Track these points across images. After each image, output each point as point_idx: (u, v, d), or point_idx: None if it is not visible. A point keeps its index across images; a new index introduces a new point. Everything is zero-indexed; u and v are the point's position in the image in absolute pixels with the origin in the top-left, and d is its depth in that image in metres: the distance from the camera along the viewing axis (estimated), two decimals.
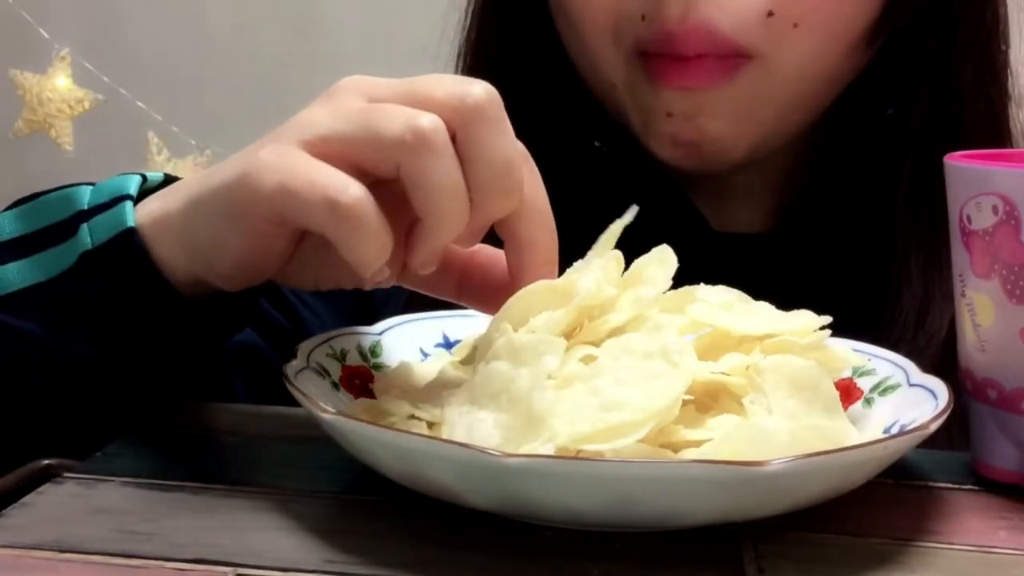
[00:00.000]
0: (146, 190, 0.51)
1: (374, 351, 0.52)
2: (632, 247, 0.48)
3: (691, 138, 0.63)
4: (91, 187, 0.51)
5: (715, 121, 0.62)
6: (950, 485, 0.47)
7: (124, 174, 0.51)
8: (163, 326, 0.49)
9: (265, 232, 0.45)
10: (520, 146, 0.46)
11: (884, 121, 0.68)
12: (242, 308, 0.52)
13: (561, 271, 0.48)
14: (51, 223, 0.50)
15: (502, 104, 0.44)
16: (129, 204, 0.49)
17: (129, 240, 0.48)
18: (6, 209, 0.53)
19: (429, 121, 0.42)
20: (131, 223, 0.48)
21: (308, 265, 0.49)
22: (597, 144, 0.70)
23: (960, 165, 0.45)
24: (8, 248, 0.50)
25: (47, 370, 0.49)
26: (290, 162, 0.43)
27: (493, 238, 0.48)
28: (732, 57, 0.61)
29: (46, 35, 1.83)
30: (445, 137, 0.43)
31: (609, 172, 0.71)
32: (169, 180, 0.52)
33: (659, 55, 0.61)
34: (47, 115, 1.83)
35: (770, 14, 0.60)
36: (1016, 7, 0.68)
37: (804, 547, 0.41)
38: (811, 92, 0.64)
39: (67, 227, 0.49)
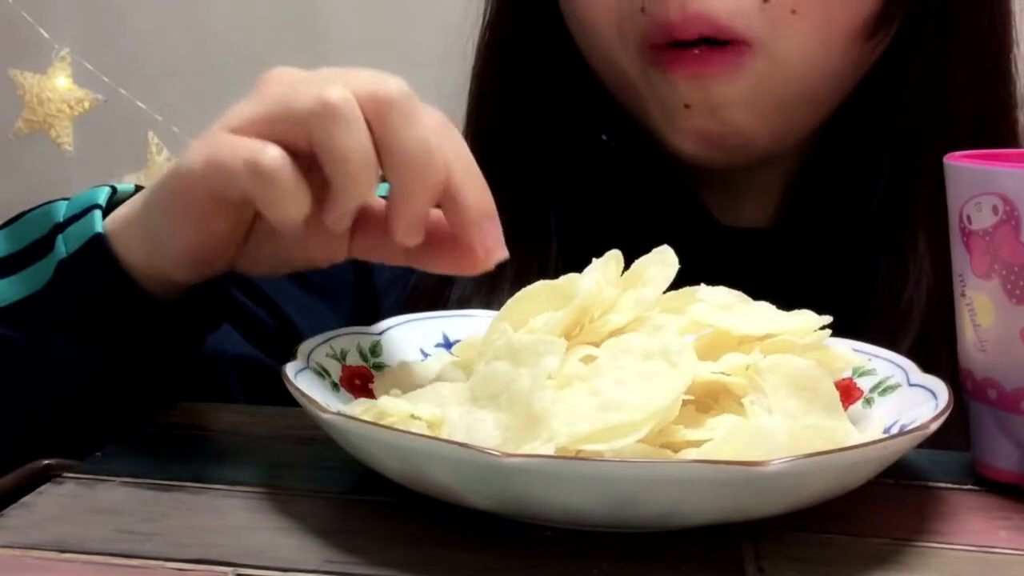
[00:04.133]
0: (116, 201, 0.54)
1: (374, 351, 0.52)
2: (638, 241, 0.49)
3: (715, 130, 0.63)
4: (67, 201, 0.54)
5: (736, 112, 0.63)
6: (950, 485, 0.47)
7: (95, 187, 0.54)
8: (136, 325, 0.52)
9: (207, 213, 0.48)
10: (438, 123, 0.47)
11: (884, 119, 0.68)
12: (213, 303, 0.54)
13: (573, 268, 0.48)
14: (34, 240, 0.53)
15: (415, 96, 0.46)
16: (98, 213, 0.52)
17: (98, 245, 0.51)
18: None
19: (338, 93, 0.44)
20: (99, 229, 0.51)
21: (262, 250, 0.51)
22: (604, 138, 0.70)
23: (960, 165, 0.45)
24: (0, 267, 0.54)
25: (32, 374, 0.52)
26: (215, 142, 0.46)
27: None
28: (734, 44, 0.61)
29: (46, 35, 1.82)
30: (354, 107, 0.44)
31: (616, 167, 0.71)
32: (139, 191, 0.54)
33: (664, 46, 0.62)
34: (47, 115, 1.82)
35: (766, 0, 0.60)
36: (1019, 9, 0.68)
37: (804, 547, 0.41)
38: (818, 84, 0.64)
39: (47, 242, 0.53)
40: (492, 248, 0.47)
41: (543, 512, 0.40)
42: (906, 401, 0.47)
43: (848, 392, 0.49)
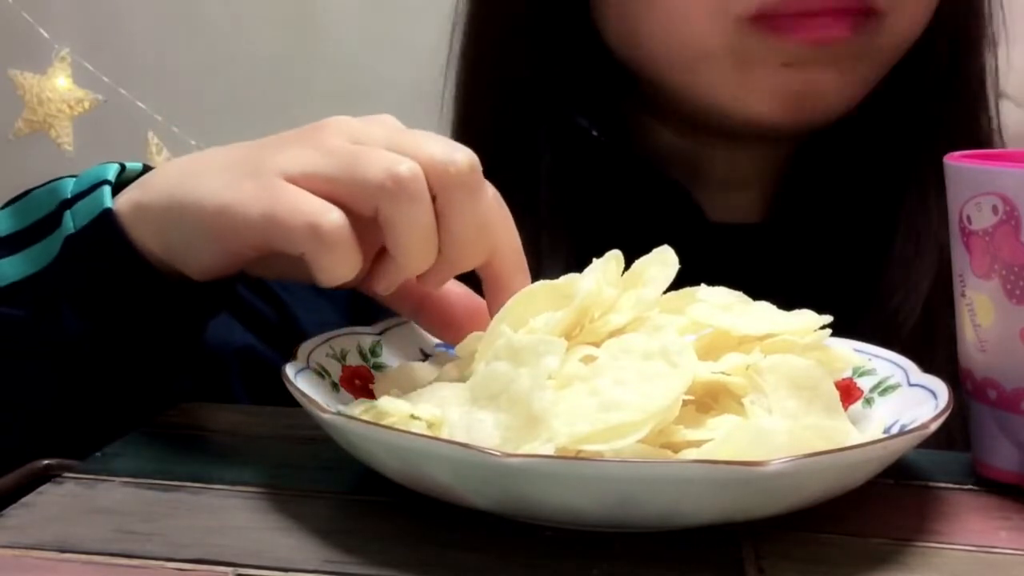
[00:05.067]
0: (125, 179, 0.52)
1: (374, 351, 0.52)
2: (629, 238, 0.49)
3: (797, 89, 0.63)
4: (74, 178, 0.53)
5: (827, 73, 0.63)
6: (950, 485, 0.47)
7: (104, 163, 0.53)
8: (145, 304, 0.51)
9: (247, 251, 0.48)
10: (493, 199, 0.48)
11: (880, 114, 0.69)
12: (221, 288, 0.53)
13: (560, 264, 0.48)
14: (41, 216, 0.52)
15: (481, 169, 0.47)
16: (107, 188, 0.51)
17: (107, 220, 0.50)
18: (2, 208, 0.55)
19: (408, 169, 0.45)
20: (108, 204, 0.50)
21: (274, 262, 0.51)
22: (595, 134, 0.70)
23: (960, 165, 0.45)
24: (4, 244, 0.53)
25: (34, 351, 0.51)
26: (274, 193, 0.45)
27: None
28: (861, 13, 0.62)
29: (46, 35, 1.82)
30: (423, 185, 0.45)
31: (604, 162, 0.71)
32: (147, 170, 0.54)
33: (779, 16, 0.62)
34: (47, 115, 1.82)
35: None
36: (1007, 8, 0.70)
37: (804, 547, 0.41)
38: (900, 56, 0.66)
39: (54, 218, 0.52)
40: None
41: (543, 512, 0.40)
42: (906, 401, 0.47)
43: (848, 392, 0.49)
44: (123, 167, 0.53)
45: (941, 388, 0.45)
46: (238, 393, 0.62)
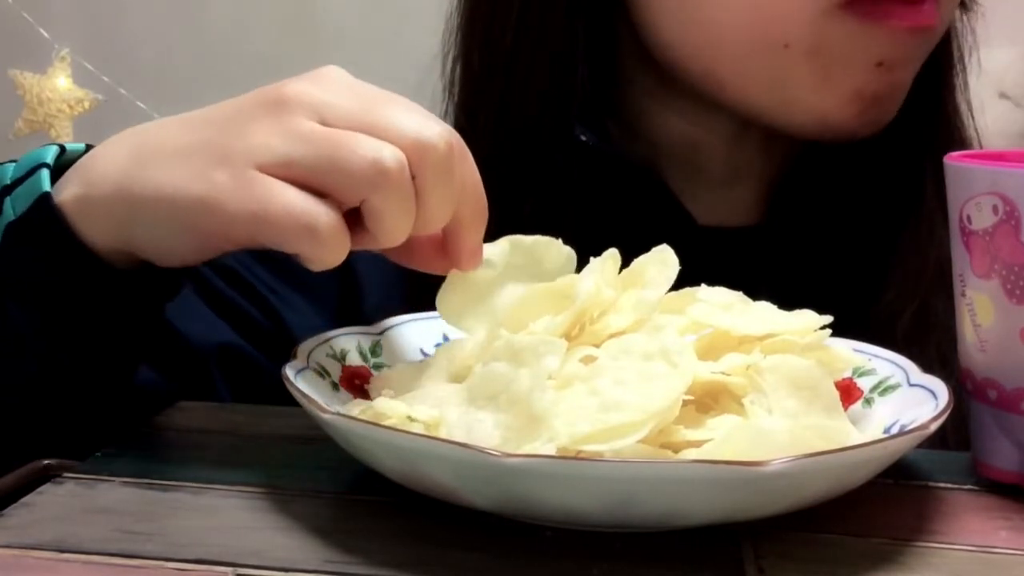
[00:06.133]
0: (66, 161, 0.51)
1: (374, 351, 0.52)
2: (617, 245, 0.48)
3: (878, 91, 0.62)
4: (13, 164, 0.51)
5: (906, 71, 0.63)
6: (950, 485, 0.47)
7: (43, 146, 0.51)
8: (91, 291, 0.49)
9: (223, 247, 0.47)
10: (465, 164, 0.47)
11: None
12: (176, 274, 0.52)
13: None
14: None
15: (457, 144, 0.46)
16: (45, 172, 0.49)
17: (46, 204, 0.48)
18: None
19: (394, 159, 0.44)
20: (46, 188, 0.48)
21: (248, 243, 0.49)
22: (584, 139, 0.69)
23: (960, 165, 0.45)
24: None
25: None
26: (259, 191, 0.44)
27: None
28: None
29: (46, 35, 1.82)
30: (408, 174, 0.44)
31: (594, 166, 0.70)
32: (90, 149, 0.51)
33: (874, 2, 0.60)
34: (47, 115, 1.82)
35: None
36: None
37: (804, 547, 0.41)
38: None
39: None
40: (473, 254, 0.49)
41: (543, 512, 0.40)
42: (906, 401, 0.47)
43: (848, 392, 0.49)
44: (63, 149, 0.51)
45: (941, 388, 0.45)
46: (221, 391, 0.62)
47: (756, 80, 0.63)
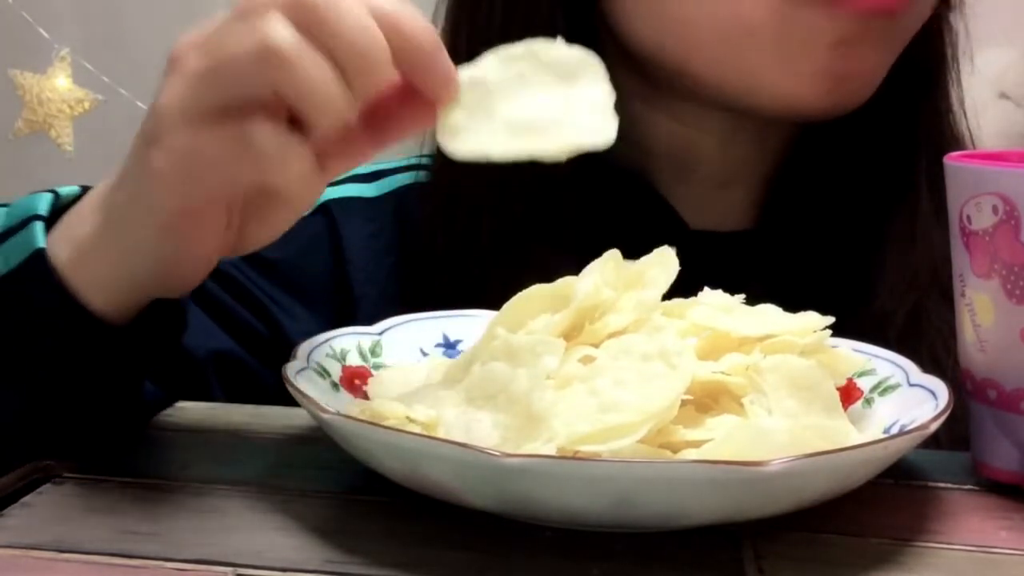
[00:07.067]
0: (61, 206, 0.49)
1: (374, 351, 0.52)
2: (606, 246, 0.48)
3: (844, 70, 0.63)
4: (5, 210, 0.50)
5: (875, 51, 0.63)
6: (950, 485, 0.47)
7: (36, 192, 0.50)
8: (87, 349, 0.47)
9: (195, 212, 0.45)
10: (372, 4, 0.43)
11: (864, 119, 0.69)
12: (170, 317, 0.50)
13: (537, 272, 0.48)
14: None
15: None
16: (39, 225, 0.47)
17: (40, 261, 0.46)
18: None
19: (281, 38, 0.41)
20: (40, 244, 0.47)
21: (247, 226, 0.48)
22: None
23: (960, 165, 0.45)
24: None
25: None
26: (194, 141, 0.42)
27: None
28: None
29: (46, 35, 1.82)
30: (300, 42, 0.41)
31: (582, 171, 0.69)
32: (87, 190, 0.50)
33: None
34: (47, 115, 1.82)
35: None
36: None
37: (804, 547, 0.41)
38: (907, 44, 0.66)
39: None
40: (446, 78, 0.44)
41: (543, 512, 0.40)
42: (906, 401, 0.47)
43: (848, 392, 0.49)
44: (57, 196, 0.50)
45: (941, 388, 0.45)
46: (218, 398, 0.61)
47: (728, 70, 0.64)
